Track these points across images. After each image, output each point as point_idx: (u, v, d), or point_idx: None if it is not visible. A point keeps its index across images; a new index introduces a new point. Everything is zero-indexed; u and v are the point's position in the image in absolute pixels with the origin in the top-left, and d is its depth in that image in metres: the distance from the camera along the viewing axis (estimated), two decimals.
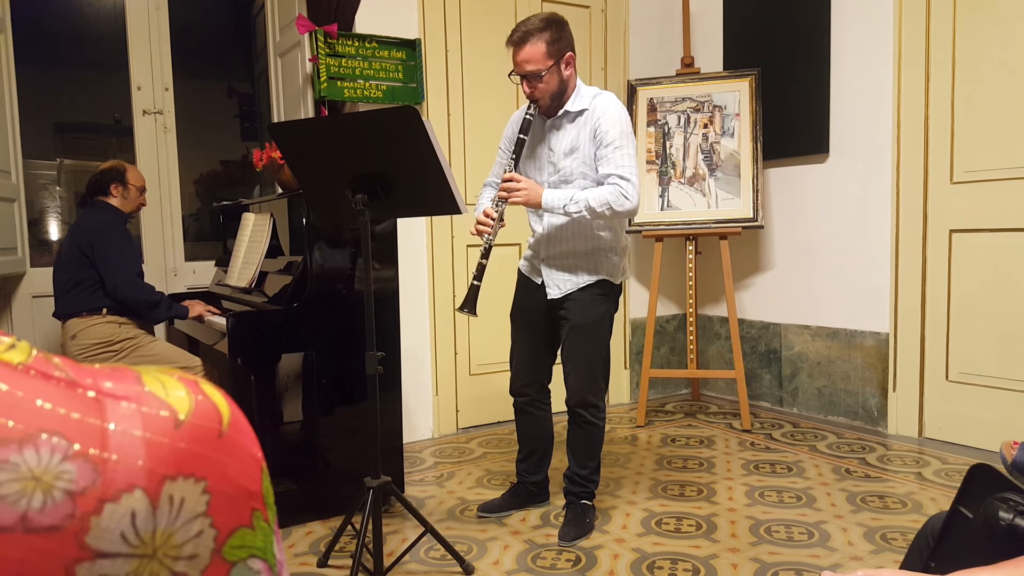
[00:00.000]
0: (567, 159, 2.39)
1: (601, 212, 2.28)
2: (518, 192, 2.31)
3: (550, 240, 2.48)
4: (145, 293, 2.90)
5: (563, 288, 2.46)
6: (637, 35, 4.25)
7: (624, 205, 2.27)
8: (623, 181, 2.28)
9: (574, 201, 2.28)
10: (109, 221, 2.95)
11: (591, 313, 2.45)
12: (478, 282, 2.31)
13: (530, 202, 2.32)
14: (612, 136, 2.31)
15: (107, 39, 4.20)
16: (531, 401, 2.65)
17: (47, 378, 0.36)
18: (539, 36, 2.26)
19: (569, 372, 2.52)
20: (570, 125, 2.40)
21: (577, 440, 2.57)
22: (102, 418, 0.36)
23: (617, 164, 2.29)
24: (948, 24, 3.25)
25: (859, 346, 3.67)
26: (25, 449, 0.33)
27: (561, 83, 2.34)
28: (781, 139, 3.86)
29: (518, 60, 2.30)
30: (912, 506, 2.64)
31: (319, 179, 2.22)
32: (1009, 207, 3.10)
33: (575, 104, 2.38)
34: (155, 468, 0.36)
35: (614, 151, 2.30)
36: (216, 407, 0.40)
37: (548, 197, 2.31)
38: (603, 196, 2.27)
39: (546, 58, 2.27)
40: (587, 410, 2.51)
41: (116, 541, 0.34)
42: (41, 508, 0.33)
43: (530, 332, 2.59)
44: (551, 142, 2.43)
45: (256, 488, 0.41)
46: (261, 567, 0.41)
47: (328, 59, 3.30)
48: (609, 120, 2.32)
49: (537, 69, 2.27)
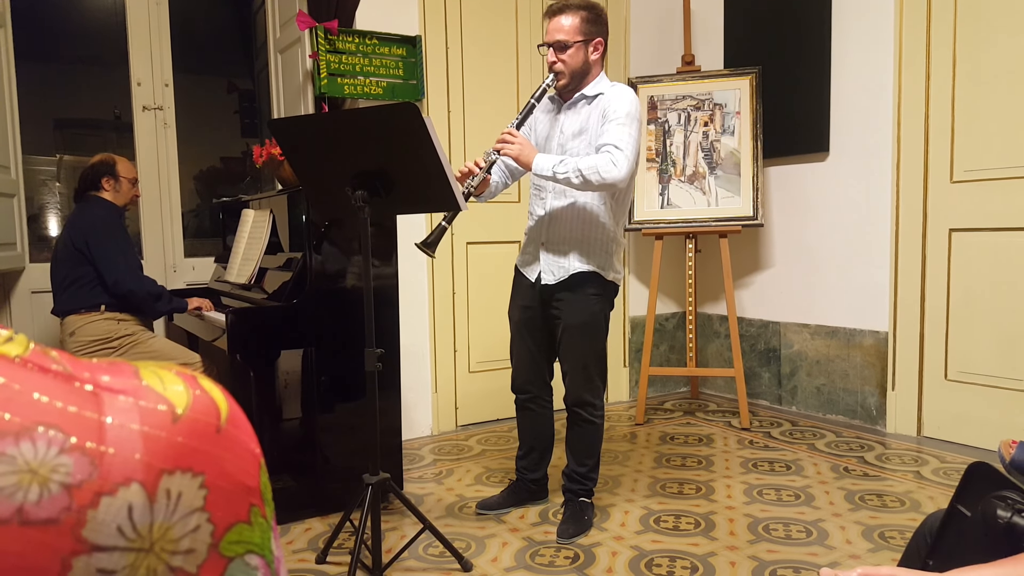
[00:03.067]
0: (575, 140, 2.41)
1: (588, 177, 2.23)
2: (511, 145, 2.31)
3: (552, 222, 2.46)
4: (148, 285, 2.90)
5: (556, 275, 2.46)
6: (638, 33, 4.24)
7: (611, 172, 2.22)
8: (616, 150, 2.25)
9: (563, 163, 2.26)
10: (102, 216, 2.91)
11: (584, 313, 2.45)
12: (447, 224, 2.29)
13: (521, 157, 2.31)
14: (618, 114, 2.31)
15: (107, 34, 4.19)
16: (533, 398, 2.66)
17: (44, 371, 0.36)
18: (576, 11, 2.32)
19: (566, 372, 2.54)
20: (585, 108, 2.41)
21: (575, 438, 2.58)
22: (99, 412, 0.35)
23: (614, 136, 2.28)
24: (949, 23, 3.25)
25: (858, 345, 3.67)
26: (22, 442, 0.33)
27: (585, 63, 2.36)
28: (781, 137, 3.85)
29: (551, 28, 2.33)
30: (910, 505, 2.64)
31: (319, 176, 2.22)
32: (1009, 206, 3.10)
33: (592, 89, 2.40)
34: (152, 462, 0.36)
35: (616, 126, 2.30)
36: (214, 402, 0.40)
37: (540, 159, 2.31)
38: (592, 161, 2.24)
39: (577, 32, 2.31)
40: (584, 408, 2.52)
41: (113, 535, 0.34)
42: (37, 501, 0.32)
43: (528, 331, 2.60)
44: (563, 125, 2.44)
45: (254, 484, 0.41)
46: (258, 563, 0.41)
47: (328, 55, 3.30)
48: (619, 101, 2.33)
49: (566, 39, 2.31)
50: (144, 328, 3.04)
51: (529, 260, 2.56)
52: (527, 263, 2.58)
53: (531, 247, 2.56)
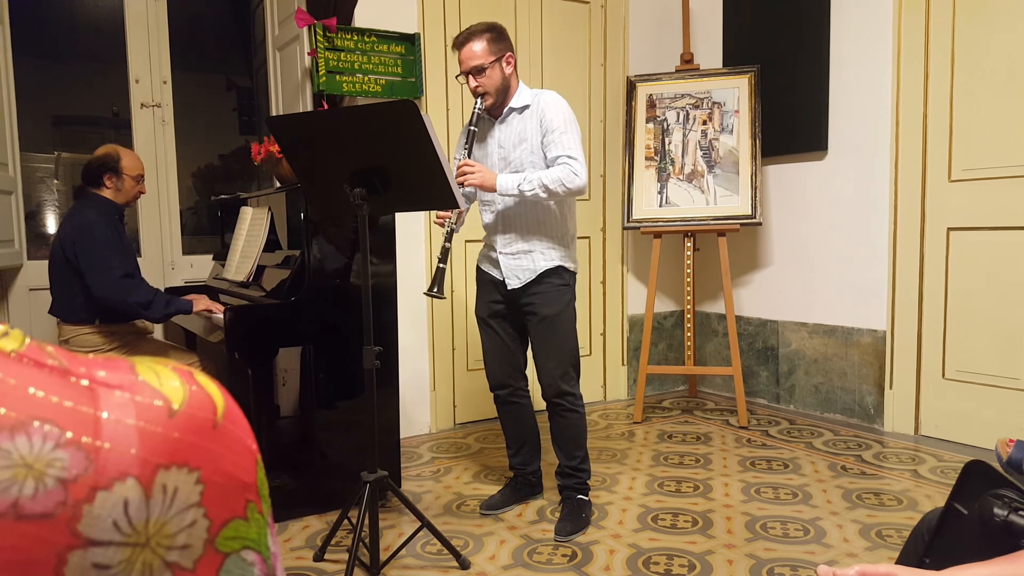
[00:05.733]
0: (517, 150, 2.51)
1: (554, 190, 2.39)
2: (473, 175, 2.41)
3: (505, 229, 2.55)
4: (133, 294, 2.69)
5: (522, 278, 2.53)
6: (637, 31, 4.24)
7: (574, 182, 2.39)
8: (572, 160, 2.41)
9: (527, 180, 2.41)
10: (92, 222, 2.74)
11: (557, 304, 2.53)
12: (443, 264, 2.37)
13: (485, 184, 2.43)
14: (557, 123, 2.45)
15: (105, 32, 4.18)
16: (513, 392, 2.69)
17: (40, 366, 0.36)
18: (481, 35, 2.45)
19: (542, 365, 2.56)
20: (517, 119, 2.53)
21: (561, 432, 2.60)
22: (95, 406, 0.35)
23: (564, 146, 2.43)
24: (948, 22, 3.25)
25: (856, 343, 3.68)
26: (17, 436, 0.33)
27: (504, 80, 2.49)
28: (780, 136, 3.85)
29: (463, 58, 2.46)
30: (907, 503, 2.65)
31: (318, 173, 2.22)
32: (1007, 205, 3.10)
33: (519, 101, 2.53)
34: (148, 457, 0.36)
35: (560, 135, 2.44)
36: (211, 398, 0.40)
37: (502, 180, 2.43)
38: (555, 174, 2.39)
39: (488, 54, 2.44)
40: (564, 399, 2.55)
41: (108, 529, 0.34)
42: (33, 495, 0.32)
43: (500, 325, 2.64)
44: (500, 139, 2.55)
45: (250, 479, 0.41)
46: (255, 559, 0.41)
47: (327, 53, 3.30)
48: (553, 110, 2.47)
49: (481, 63, 2.43)
50: (140, 333, 2.99)
51: (494, 263, 2.61)
52: (490, 264, 2.63)
53: (492, 253, 2.61)
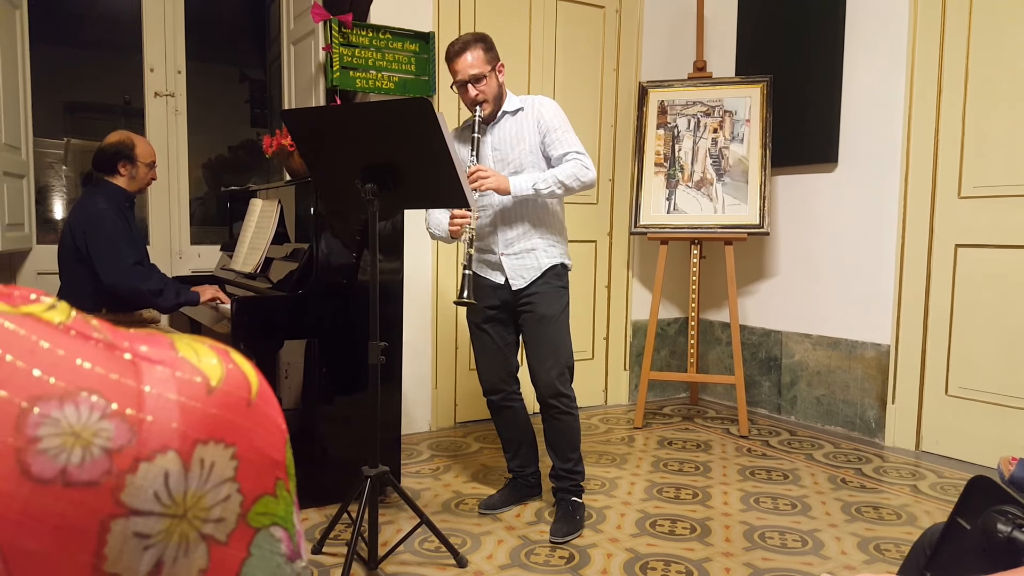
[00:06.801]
0: (515, 150, 2.55)
1: (570, 185, 2.45)
2: (488, 180, 2.42)
3: (504, 231, 2.57)
4: (145, 282, 2.69)
5: (527, 277, 2.55)
6: (650, 37, 4.25)
7: (587, 175, 2.47)
8: (581, 155, 2.48)
9: (542, 179, 2.45)
10: (103, 211, 2.73)
11: (556, 305, 2.55)
12: (469, 271, 2.37)
13: (500, 188, 2.44)
14: (556, 123, 2.51)
15: (122, 20, 4.20)
16: (507, 395, 2.69)
17: (86, 339, 0.37)
18: (475, 46, 2.50)
19: (538, 366, 2.55)
20: (510, 121, 2.57)
21: (556, 434, 2.59)
22: (138, 380, 0.36)
23: (570, 143, 2.50)
24: (962, 37, 3.25)
25: (859, 357, 3.68)
26: (66, 405, 0.34)
27: (499, 86, 2.55)
28: (790, 147, 3.86)
29: (460, 68, 2.49)
30: (907, 518, 2.65)
31: (329, 167, 2.23)
32: (1016, 224, 3.10)
33: (510, 105, 2.58)
34: (188, 431, 0.36)
35: (563, 134, 2.51)
36: (246, 376, 0.41)
37: (515, 182, 2.46)
38: (569, 170, 2.45)
39: (484, 63, 2.49)
40: (560, 400, 2.55)
41: (149, 499, 0.35)
42: (80, 463, 0.33)
43: (494, 329, 2.64)
44: (493, 141, 2.58)
45: (280, 458, 0.42)
46: (282, 535, 0.41)
47: (341, 48, 3.31)
48: (550, 111, 2.53)
49: (480, 72, 2.48)
50: (145, 323, 2.99)
51: (493, 267, 2.60)
52: (488, 268, 2.61)
53: (491, 256, 2.60)
